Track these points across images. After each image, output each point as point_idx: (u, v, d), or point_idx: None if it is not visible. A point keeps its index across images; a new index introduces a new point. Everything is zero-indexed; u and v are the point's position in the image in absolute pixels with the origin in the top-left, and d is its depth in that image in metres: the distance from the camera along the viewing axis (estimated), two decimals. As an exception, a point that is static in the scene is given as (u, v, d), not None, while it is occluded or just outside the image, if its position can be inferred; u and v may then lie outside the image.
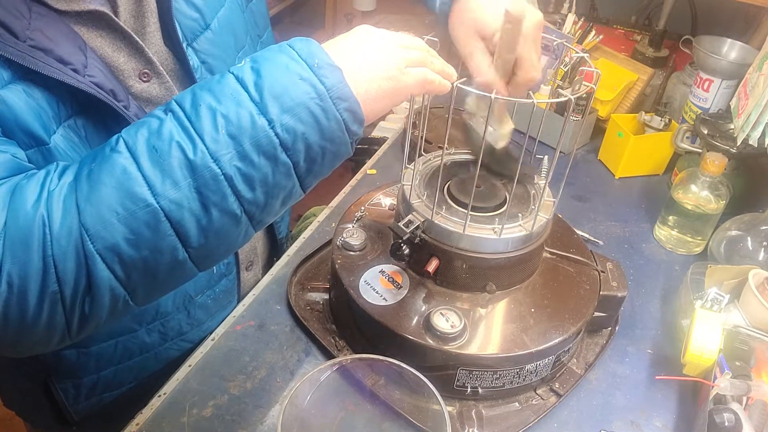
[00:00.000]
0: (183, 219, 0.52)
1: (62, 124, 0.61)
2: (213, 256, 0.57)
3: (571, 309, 0.75)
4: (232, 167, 0.51)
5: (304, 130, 0.52)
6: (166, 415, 0.71)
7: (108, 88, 0.62)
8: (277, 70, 0.52)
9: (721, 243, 0.96)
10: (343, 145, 0.55)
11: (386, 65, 0.57)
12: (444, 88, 0.61)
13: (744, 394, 0.69)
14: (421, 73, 0.59)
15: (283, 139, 0.52)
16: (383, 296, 0.74)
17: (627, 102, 1.33)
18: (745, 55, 1.18)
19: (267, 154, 0.52)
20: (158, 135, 0.51)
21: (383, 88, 0.56)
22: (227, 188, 0.52)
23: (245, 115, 0.51)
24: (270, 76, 0.52)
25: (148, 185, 0.51)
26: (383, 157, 1.23)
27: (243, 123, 0.51)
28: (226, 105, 0.51)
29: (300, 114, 0.52)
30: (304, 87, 0.52)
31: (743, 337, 0.77)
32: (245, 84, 0.52)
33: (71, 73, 0.59)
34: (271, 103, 0.51)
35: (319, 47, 0.55)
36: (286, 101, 0.51)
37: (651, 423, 0.76)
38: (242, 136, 0.51)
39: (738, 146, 1.00)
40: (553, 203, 0.75)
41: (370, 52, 0.57)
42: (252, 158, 0.51)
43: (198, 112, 0.52)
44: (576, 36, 1.34)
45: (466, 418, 0.73)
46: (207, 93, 0.52)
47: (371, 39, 0.58)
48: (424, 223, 0.71)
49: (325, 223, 1.03)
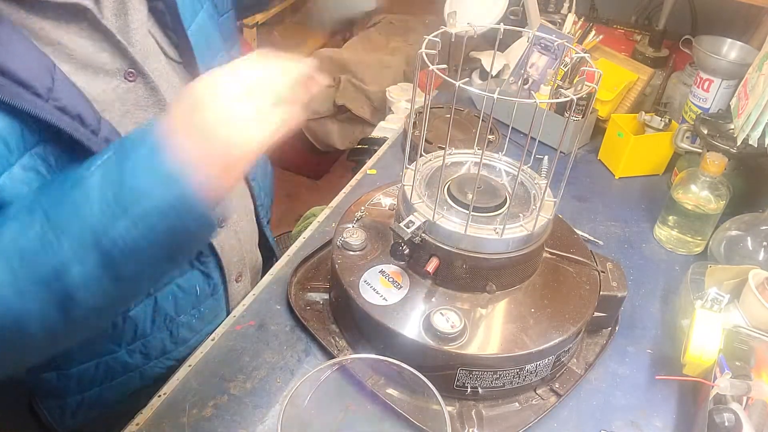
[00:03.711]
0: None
1: (28, 152, 0.58)
2: None
3: (571, 309, 0.75)
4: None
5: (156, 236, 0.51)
6: (166, 415, 0.71)
7: (74, 112, 0.59)
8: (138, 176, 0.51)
9: (721, 243, 0.96)
10: (200, 239, 0.55)
11: (220, 137, 0.51)
12: (293, 124, 0.54)
13: (744, 394, 0.69)
14: (259, 136, 0.52)
15: (124, 241, 0.51)
16: (383, 296, 0.74)
17: (627, 102, 1.33)
18: (745, 55, 1.18)
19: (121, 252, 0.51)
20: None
21: (222, 171, 0.52)
22: None
23: (95, 220, 0.51)
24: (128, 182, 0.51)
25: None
26: (383, 157, 1.23)
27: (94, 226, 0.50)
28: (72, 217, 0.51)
29: (148, 226, 0.51)
30: (153, 187, 0.51)
31: (743, 337, 0.77)
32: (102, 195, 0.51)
33: (30, 97, 0.56)
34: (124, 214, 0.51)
35: (157, 142, 0.51)
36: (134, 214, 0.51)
37: (651, 423, 0.76)
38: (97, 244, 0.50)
39: (738, 146, 1.00)
40: (554, 203, 0.75)
41: (211, 126, 0.52)
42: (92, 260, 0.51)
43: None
44: (576, 36, 1.34)
45: (466, 418, 0.73)
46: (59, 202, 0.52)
47: (202, 103, 0.52)
48: (425, 223, 0.71)
49: (325, 223, 1.03)
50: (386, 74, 2.16)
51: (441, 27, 0.69)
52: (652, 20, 1.54)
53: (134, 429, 0.70)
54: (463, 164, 0.83)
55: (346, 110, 2.20)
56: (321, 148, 2.39)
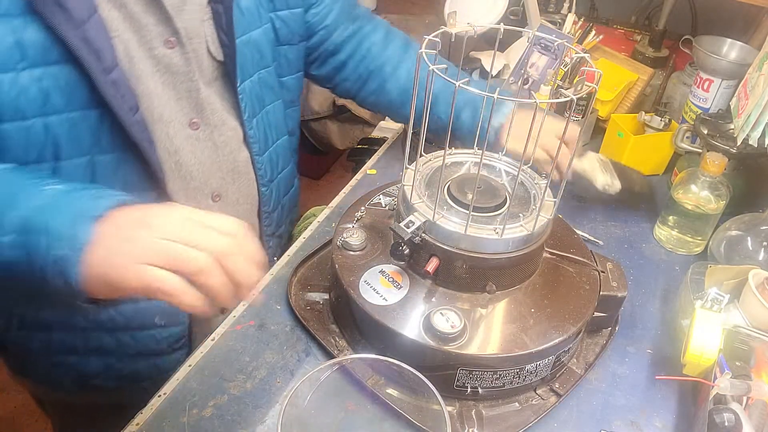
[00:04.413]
0: None
1: (44, 66, 0.64)
2: None
3: (571, 309, 0.75)
4: None
5: (23, 269, 0.55)
6: (166, 415, 0.71)
7: (95, 47, 0.65)
8: (48, 214, 0.55)
9: (721, 243, 0.96)
10: (59, 301, 0.57)
11: (123, 255, 0.53)
12: (187, 308, 0.53)
13: (744, 394, 0.69)
14: (168, 285, 0.52)
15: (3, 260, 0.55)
16: (383, 296, 0.74)
17: (627, 102, 1.33)
18: (745, 55, 1.18)
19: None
20: None
21: (110, 278, 0.53)
22: None
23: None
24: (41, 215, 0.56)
25: None
26: (383, 157, 1.23)
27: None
28: None
29: (27, 257, 0.55)
30: (44, 240, 0.54)
31: (743, 337, 0.77)
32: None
33: (63, 19, 0.62)
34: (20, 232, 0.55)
35: (95, 215, 0.55)
36: (28, 242, 0.55)
37: (651, 423, 0.76)
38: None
39: (738, 146, 1.00)
40: (554, 203, 0.75)
41: (131, 237, 0.54)
42: None
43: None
44: (576, 36, 1.34)
45: (466, 418, 0.73)
46: None
47: (154, 222, 0.55)
48: (425, 223, 0.71)
49: (325, 223, 1.03)
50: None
51: (441, 27, 0.69)
52: (652, 20, 1.54)
53: (134, 429, 0.70)
54: (463, 164, 0.83)
55: (346, 110, 2.20)
56: (321, 148, 2.39)
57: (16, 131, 0.66)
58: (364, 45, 1.03)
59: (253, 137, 0.87)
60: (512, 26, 0.76)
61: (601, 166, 1.03)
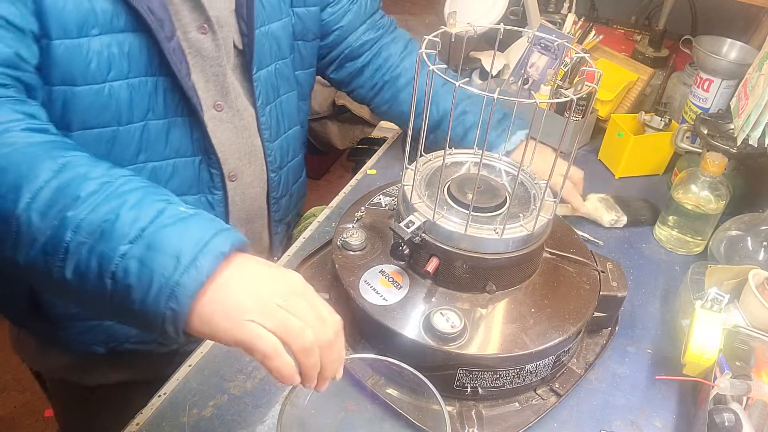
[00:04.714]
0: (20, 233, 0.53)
1: (111, 34, 0.71)
2: None
3: (571, 309, 0.75)
4: (77, 246, 0.52)
5: (133, 283, 0.52)
6: (166, 415, 0.71)
7: (158, 16, 0.72)
8: (173, 234, 0.53)
9: (721, 243, 0.96)
10: (148, 324, 0.53)
11: (239, 307, 0.52)
12: (284, 379, 0.53)
13: (744, 394, 0.69)
14: (270, 347, 0.52)
15: (117, 269, 0.52)
16: (383, 296, 0.74)
17: (627, 102, 1.33)
18: (745, 55, 1.18)
19: (101, 266, 0.52)
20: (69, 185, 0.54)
21: (217, 323, 0.52)
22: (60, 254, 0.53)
23: (120, 231, 0.52)
24: (165, 232, 0.53)
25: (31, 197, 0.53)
26: (383, 157, 1.23)
27: (114, 235, 0.52)
28: (120, 213, 0.53)
29: (143, 272, 0.51)
30: (169, 262, 0.51)
31: (743, 337, 0.77)
32: (145, 219, 0.53)
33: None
34: (140, 245, 0.52)
35: (223, 252, 0.53)
36: (148, 257, 0.52)
37: (651, 423, 0.76)
38: (104, 239, 0.52)
39: (738, 146, 1.00)
40: (554, 203, 0.75)
41: (250, 289, 0.54)
42: (90, 257, 0.52)
43: (100, 205, 0.53)
44: (576, 36, 1.34)
45: (466, 418, 0.73)
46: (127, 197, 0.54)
47: (273, 284, 0.55)
48: (425, 223, 0.71)
49: (325, 223, 1.03)
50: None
51: (441, 27, 0.69)
52: (652, 20, 1.54)
53: (134, 429, 0.70)
54: (463, 164, 0.83)
55: (346, 110, 2.20)
56: (321, 148, 2.39)
57: (87, 95, 0.71)
58: (383, 54, 1.07)
59: (265, 124, 0.91)
60: (512, 26, 0.76)
61: (603, 204, 1.08)
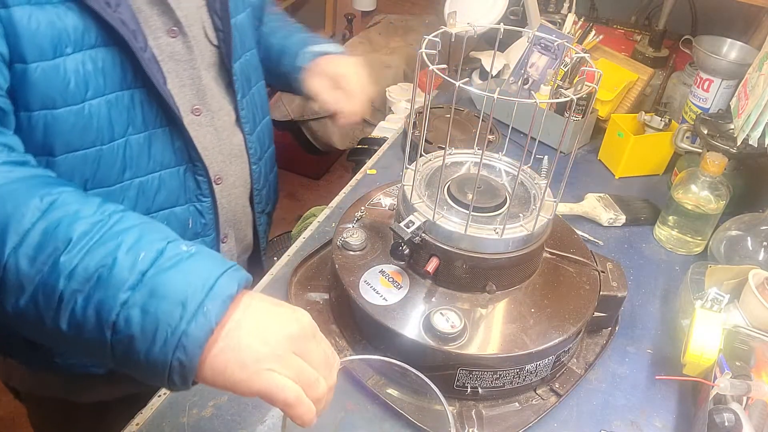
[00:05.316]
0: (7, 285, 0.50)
1: (84, 51, 0.68)
2: None
3: (571, 309, 0.75)
4: (71, 294, 0.49)
5: (136, 334, 0.49)
6: (166, 415, 0.71)
7: (131, 28, 0.69)
8: (176, 278, 0.50)
9: (721, 243, 0.96)
10: (154, 375, 0.50)
11: (254, 355, 0.50)
12: (305, 424, 0.51)
13: (744, 394, 0.69)
14: (293, 397, 0.50)
15: (118, 319, 0.49)
16: (383, 296, 0.74)
17: (627, 102, 1.33)
18: (745, 55, 1.18)
19: (99, 316, 0.49)
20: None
21: (232, 373, 0.49)
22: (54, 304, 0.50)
23: (118, 277, 0.49)
24: (167, 276, 0.50)
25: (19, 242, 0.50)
26: (383, 157, 1.23)
27: (112, 281, 0.49)
28: (117, 256, 0.50)
29: (146, 322, 0.49)
30: (174, 309, 0.48)
31: (743, 337, 0.77)
32: (144, 263, 0.50)
33: (103, 4, 0.66)
34: (142, 292, 0.49)
35: (231, 295, 0.51)
36: (151, 305, 0.49)
37: (651, 423, 0.76)
38: (101, 286, 0.49)
39: (738, 146, 1.00)
40: (554, 203, 0.75)
41: (263, 333, 0.51)
42: (87, 306, 0.49)
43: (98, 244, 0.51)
44: (576, 36, 1.34)
45: (466, 418, 0.73)
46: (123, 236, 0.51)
47: (285, 326, 0.52)
48: (425, 223, 0.71)
49: (325, 223, 1.03)
50: (386, 74, 2.16)
51: (441, 27, 0.69)
52: (652, 20, 1.54)
53: (134, 429, 0.70)
54: (463, 164, 0.83)
55: (346, 110, 2.19)
56: (321, 148, 2.39)
57: (68, 117, 0.69)
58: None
59: (245, 118, 0.90)
60: (512, 26, 0.76)
61: (602, 203, 1.09)
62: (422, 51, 0.64)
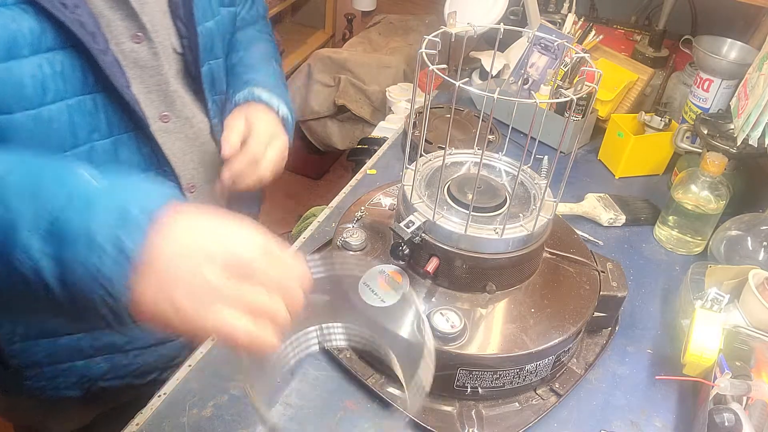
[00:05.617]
0: None
1: (40, 53, 0.65)
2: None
3: (571, 309, 0.75)
4: None
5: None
6: (166, 415, 0.71)
7: (90, 30, 0.67)
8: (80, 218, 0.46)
9: (721, 243, 0.96)
10: (93, 319, 0.46)
11: (189, 293, 0.45)
12: (260, 353, 0.47)
13: (744, 394, 0.69)
14: (230, 330, 0.45)
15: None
16: (382, 297, 0.74)
17: (627, 102, 1.33)
18: (745, 55, 1.18)
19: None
20: None
21: (169, 319, 0.45)
22: None
23: None
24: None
25: None
26: (383, 157, 1.23)
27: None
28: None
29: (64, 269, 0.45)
30: (85, 251, 0.44)
31: (743, 337, 0.77)
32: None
33: (58, 5, 0.64)
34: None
35: (149, 217, 0.46)
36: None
37: (651, 423, 0.76)
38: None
39: (738, 146, 1.00)
40: (554, 203, 0.75)
41: (190, 264, 0.46)
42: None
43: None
44: (576, 36, 1.34)
45: (466, 418, 0.73)
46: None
47: (215, 251, 0.46)
48: (425, 223, 0.71)
49: (325, 223, 1.03)
50: (386, 74, 2.16)
51: (441, 27, 0.69)
52: (652, 20, 1.54)
53: (134, 429, 0.70)
54: (463, 164, 0.83)
55: (346, 110, 2.20)
56: (321, 148, 2.39)
57: (26, 122, 0.67)
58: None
59: (217, 127, 0.88)
60: (512, 26, 0.76)
61: (602, 203, 1.09)
62: (422, 51, 0.64)
